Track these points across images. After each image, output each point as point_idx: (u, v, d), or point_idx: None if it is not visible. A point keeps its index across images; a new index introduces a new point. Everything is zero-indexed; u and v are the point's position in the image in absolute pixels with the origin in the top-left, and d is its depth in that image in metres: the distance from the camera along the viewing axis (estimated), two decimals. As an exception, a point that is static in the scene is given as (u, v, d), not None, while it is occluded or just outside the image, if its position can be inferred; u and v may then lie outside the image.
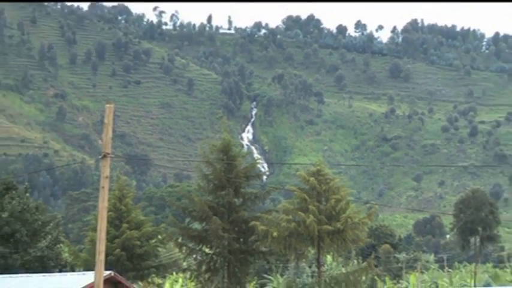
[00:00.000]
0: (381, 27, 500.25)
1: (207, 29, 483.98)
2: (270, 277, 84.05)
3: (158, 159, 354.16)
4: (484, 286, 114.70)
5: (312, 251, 73.38)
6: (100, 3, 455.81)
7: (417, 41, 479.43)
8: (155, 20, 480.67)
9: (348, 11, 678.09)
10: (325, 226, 69.41)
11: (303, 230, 69.87)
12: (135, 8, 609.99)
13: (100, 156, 27.03)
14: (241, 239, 72.29)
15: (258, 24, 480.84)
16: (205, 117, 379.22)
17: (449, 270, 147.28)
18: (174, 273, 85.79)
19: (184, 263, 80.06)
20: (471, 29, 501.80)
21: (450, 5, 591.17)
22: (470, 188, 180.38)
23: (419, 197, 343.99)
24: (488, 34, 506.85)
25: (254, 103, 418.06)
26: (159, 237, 74.39)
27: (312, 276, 76.30)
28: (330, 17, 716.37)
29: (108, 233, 31.79)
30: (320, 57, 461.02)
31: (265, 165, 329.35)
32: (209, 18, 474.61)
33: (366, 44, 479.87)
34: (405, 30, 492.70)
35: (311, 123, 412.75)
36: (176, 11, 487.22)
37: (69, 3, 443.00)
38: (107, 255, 26.72)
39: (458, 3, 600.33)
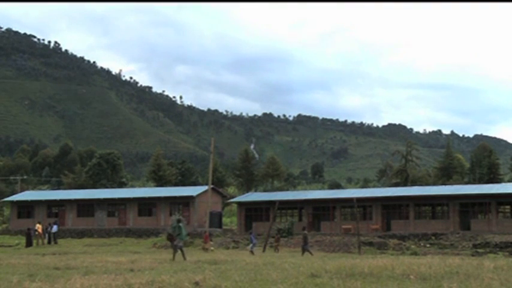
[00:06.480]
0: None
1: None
2: (259, 187, 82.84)
3: (226, 155, 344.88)
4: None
5: (270, 180, 72.97)
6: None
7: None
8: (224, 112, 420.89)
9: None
10: (273, 172, 69.85)
11: (268, 172, 70.11)
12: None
13: (210, 153, 26.99)
14: (251, 174, 71.94)
15: (254, 115, 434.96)
16: (240, 145, 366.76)
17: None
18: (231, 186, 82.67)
19: (234, 183, 78.55)
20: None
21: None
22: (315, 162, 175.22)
23: (303, 164, 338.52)
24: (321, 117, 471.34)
25: (253, 138, 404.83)
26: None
27: (270, 186, 75.25)
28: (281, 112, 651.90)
29: (212, 174, 31.37)
30: (273, 127, 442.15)
31: (257, 155, 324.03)
32: (241, 113, 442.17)
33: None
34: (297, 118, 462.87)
35: (271, 144, 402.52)
36: (232, 110, 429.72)
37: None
38: (212, 180, 26.35)
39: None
